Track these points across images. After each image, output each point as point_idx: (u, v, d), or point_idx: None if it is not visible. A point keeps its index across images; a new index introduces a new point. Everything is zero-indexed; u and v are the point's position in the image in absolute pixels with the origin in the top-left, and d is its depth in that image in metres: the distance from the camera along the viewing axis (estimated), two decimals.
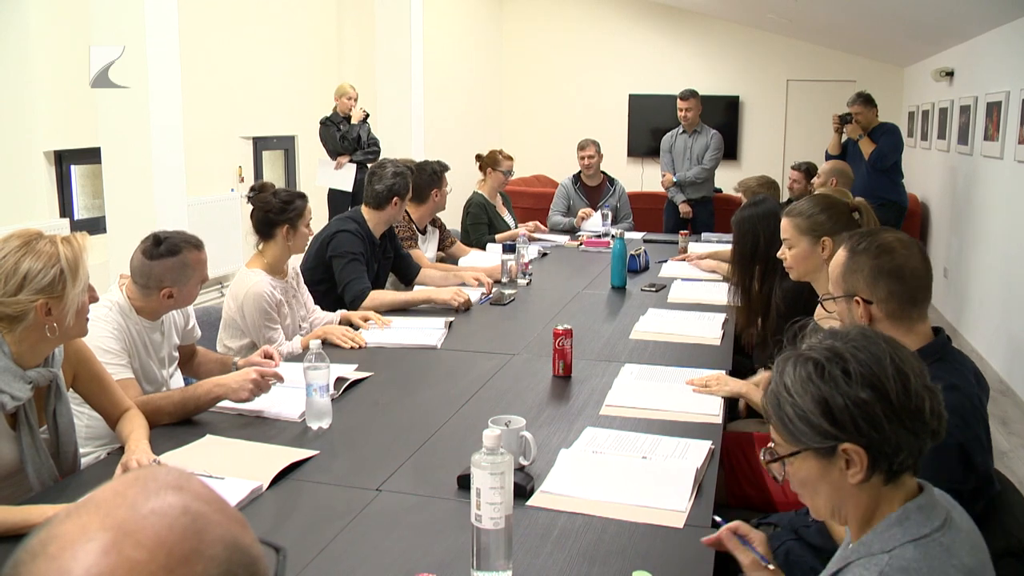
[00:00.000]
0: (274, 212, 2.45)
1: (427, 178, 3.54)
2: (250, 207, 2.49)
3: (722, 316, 2.72)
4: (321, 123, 5.71)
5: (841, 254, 1.49)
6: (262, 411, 1.86)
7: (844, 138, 5.14)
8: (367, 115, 5.84)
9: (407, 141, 5.98)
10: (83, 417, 1.84)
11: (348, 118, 5.70)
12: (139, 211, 3.66)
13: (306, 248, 2.62)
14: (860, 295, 1.44)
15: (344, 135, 5.65)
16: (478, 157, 4.59)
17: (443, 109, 6.97)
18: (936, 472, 1.04)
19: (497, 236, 4.43)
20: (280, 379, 1.85)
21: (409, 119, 6.04)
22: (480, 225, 4.43)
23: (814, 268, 2.12)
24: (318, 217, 3.38)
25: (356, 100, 5.77)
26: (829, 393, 0.94)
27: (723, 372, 2.11)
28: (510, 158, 4.61)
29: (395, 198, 3.04)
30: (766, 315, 2.44)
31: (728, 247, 4.20)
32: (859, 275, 1.44)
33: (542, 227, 4.75)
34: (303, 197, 2.53)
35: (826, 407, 0.94)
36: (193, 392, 1.83)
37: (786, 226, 2.15)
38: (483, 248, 4.20)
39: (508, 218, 4.67)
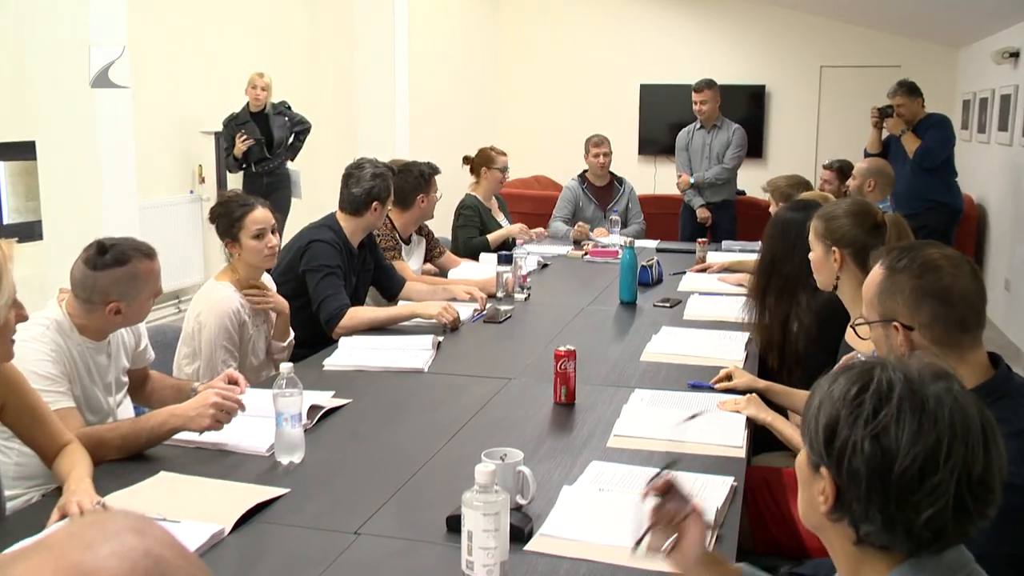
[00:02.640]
0: (215, 227, 2.50)
1: (413, 181, 3.56)
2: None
3: (745, 335, 2.74)
4: (224, 124, 5.55)
5: (877, 272, 1.47)
6: (225, 444, 1.86)
7: (885, 134, 5.13)
8: (285, 107, 5.63)
9: (390, 140, 6.00)
10: (12, 454, 1.82)
11: (261, 112, 5.53)
12: (82, 215, 3.66)
13: (275, 261, 2.64)
14: (899, 320, 1.41)
15: (230, 151, 5.46)
16: (467, 160, 4.61)
17: (430, 103, 7.01)
18: (998, 535, 1.02)
19: (489, 236, 4.44)
20: (242, 407, 1.85)
21: (392, 115, 6.07)
22: (470, 227, 4.46)
23: (828, 280, 2.15)
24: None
25: (268, 91, 5.55)
26: (846, 422, 0.94)
27: (754, 395, 2.13)
28: (503, 153, 4.64)
29: (374, 203, 3.05)
30: (785, 335, 2.46)
31: (753, 257, 4.27)
32: (898, 297, 1.41)
33: (539, 233, 4.71)
34: (245, 205, 2.53)
35: (832, 430, 0.95)
36: (145, 423, 1.83)
37: (811, 226, 2.19)
38: (474, 257, 4.22)
39: (504, 222, 4.70)
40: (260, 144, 5.54)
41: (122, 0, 3.68)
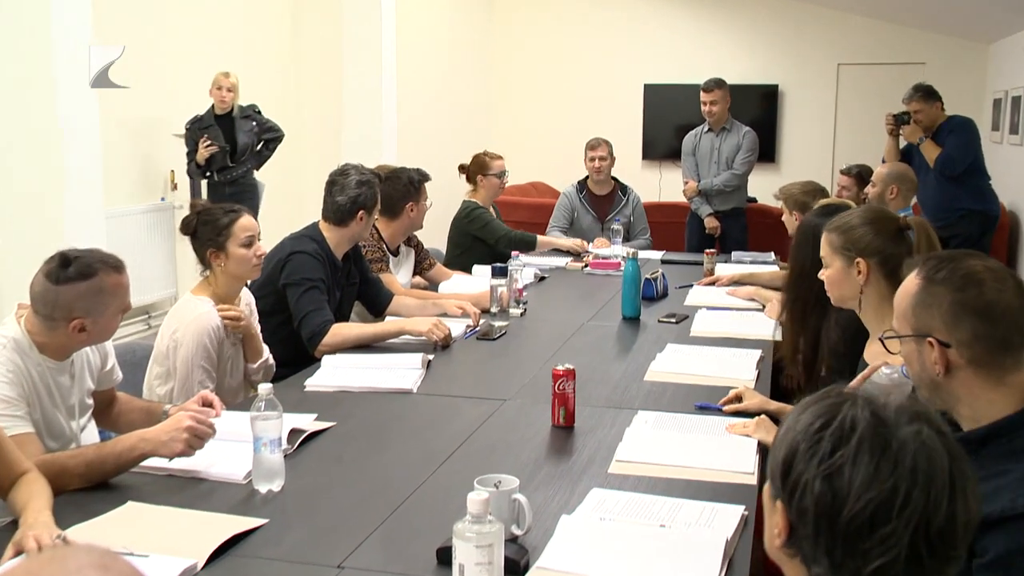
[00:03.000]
0: (195, 237, 2.51)
1: (402, 189, 3.58)
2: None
3: (757, 353, 2.74)
4: (186, 128, 5.51)
5: (912, 282, 1.45)
6: (198, 471, 1.86)
7: (903, 142, 5.11)
8: (254, 110, 5.58)
9: (376, 145, 6.03)
10: None
11: (227, 115, 5.49)
12: (43, 224, 3.65)
13: (257, 273, 2.64)
14: (935, 336, 1.38)
15: (192, 157, 5.39)
16: (462, 168, 4.64)
17: (420, 106, 7.05)
18: None
19: (543, 238, 4.54)
20: (215, 434, 1.84)
21: (379, 119, 6.10)
22: (494, 224, 4.52)
23: (850, 295, 2.15)
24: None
25: (235, 92, 5.51)
26: (803, 456, 0.95)
27: (765, 417, 2.13)
28: (499, 157, 4.67)
29: (360, 212, 3.07)
30: (816, 354, 2.46)
31: (765, 269, 4.30)
32: (935, 310, 1.39)
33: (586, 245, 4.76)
34: (231, 212, 2.56)
35: (788, 463, 0.96)
36: (111, 449, 1.82)
37: (823, 241, 2.19)
38: (521, 249, 4.23)
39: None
40: (224, 151, 5.45)
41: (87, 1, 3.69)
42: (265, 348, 2.69)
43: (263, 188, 5.79)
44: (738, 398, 2.27)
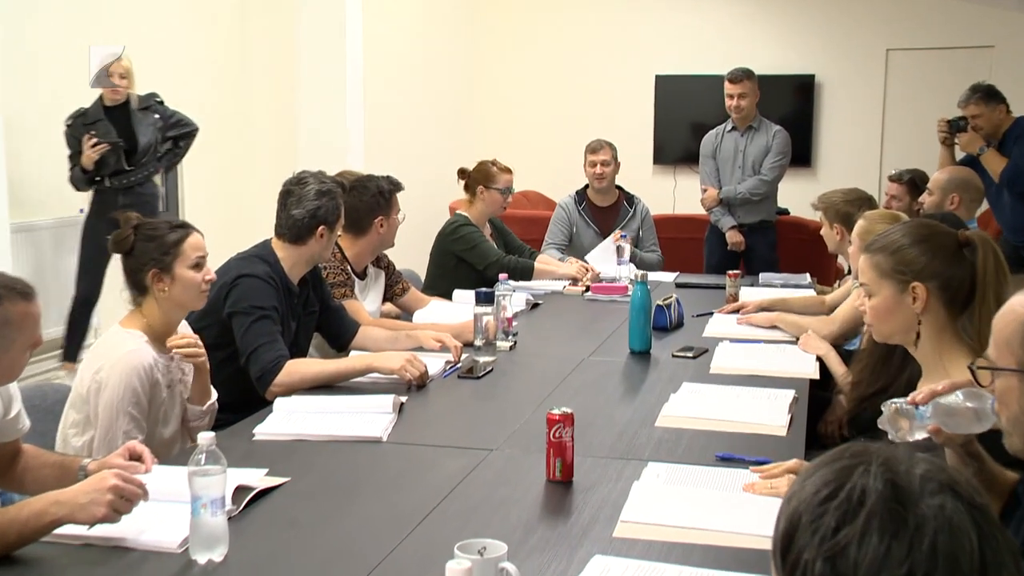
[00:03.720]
0: (134, 255, 2.51)
1: (369, 200, 3.59)
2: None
3: (789, 394, 2.75)
4: (66, 124, 5.28)
5: (1019, 305, 1.44)
6: (125, 539, 1.85)
7: (960, 154, 5.07)
8: (155, 101, 5.38)
9: (340, 148, 6.04)
10: None
11: (121, 108, 5.29)
12: None
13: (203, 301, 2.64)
14: None
15: (76, 160, 5.15)
16: (463, 173, 4.66)
17: (391, 102, 7.08)
18: None
19: (540, 263, 4.54)
20: (145, 495, 1.83)
21: (343, 117, 6.11)
22: (485, 244, 4.52)
23: (902, 327, 2.14)
24: None
25: (129, 79, 5.30)
26: (805, 531, 0.95)
27: (798, 460, 2.14)
28: (508, 170, 4.70)
29: (320, 227, 3.08)
30: (882, 394, 2.46)
31: (798, 293, 4.32)
32: None
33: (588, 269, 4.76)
34: (181, 227, 2.56)
35: (789, 537, 0.96)
36: (16, 514, 1.79)
37: (864, 265, 2.19)
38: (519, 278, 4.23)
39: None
40: (117, 150, 5.20)
41: None
42: (213, 391, 2.68)
43: (162, 197, 5.63)
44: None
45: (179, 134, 5.51)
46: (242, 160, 6.40)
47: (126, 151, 5.27)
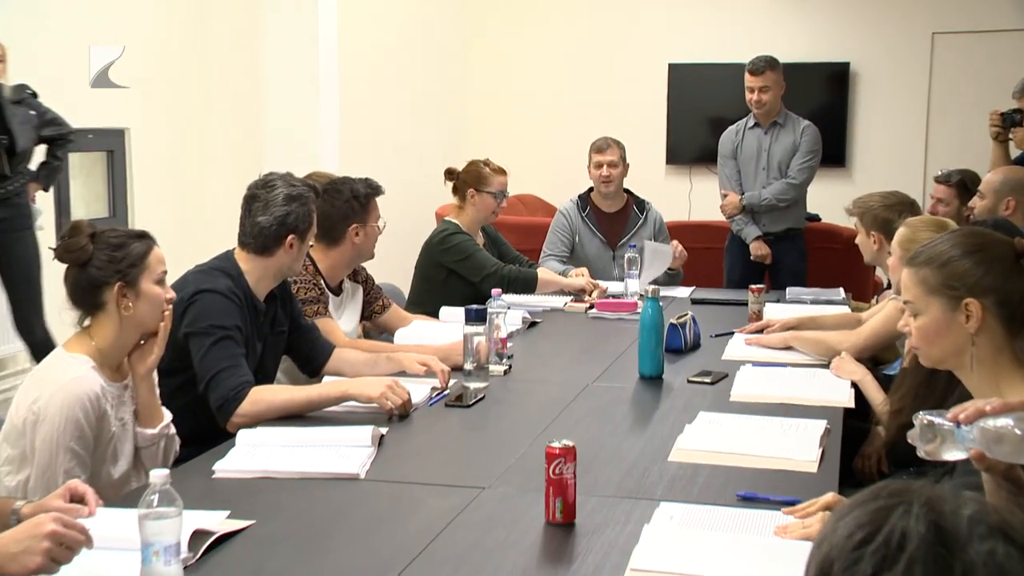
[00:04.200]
0: (96, 267, 2.50)
1: (342, 206, 3.61)
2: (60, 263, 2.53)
3: (821, 424, 2.76)
4: None
5: None
6: None
7: (1016, 151, 5.10)
8: (28, 94, 5.08)
9: (311, 147, 6.04)
10: None
11: None
12: None
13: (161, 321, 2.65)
14: None
15: None
16: (450, 174, 4.68)
17: (370, 96, 7.09)
18: None
19: (542, 273, 4.57)
20: (88, 543, 1.83)
21: (315, 112, 6.11)
22: (479, 254, 4.55)
23: (953, 349, 2.16)
24: None
25: (4, 63, 5.00)
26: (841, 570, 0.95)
27: (835, 493, 2.14)
28: (502, 171, 4.71)
29: (289, 236, 3.09)
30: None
31: (831, 310, 4.32)
32: None
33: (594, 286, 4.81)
34: (143, 237, 2.57)
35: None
36: None
37: (908, 280, 2.20)
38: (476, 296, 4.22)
39: None
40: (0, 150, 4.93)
41: None
42: (166, 412, 2.69)
43: (40, 215, 5.35)
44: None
45: (53, 136, 5.21)
46: (199, 160, 6.40)
47: (6, 146, 4.95)
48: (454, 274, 4.55)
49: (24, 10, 5.65)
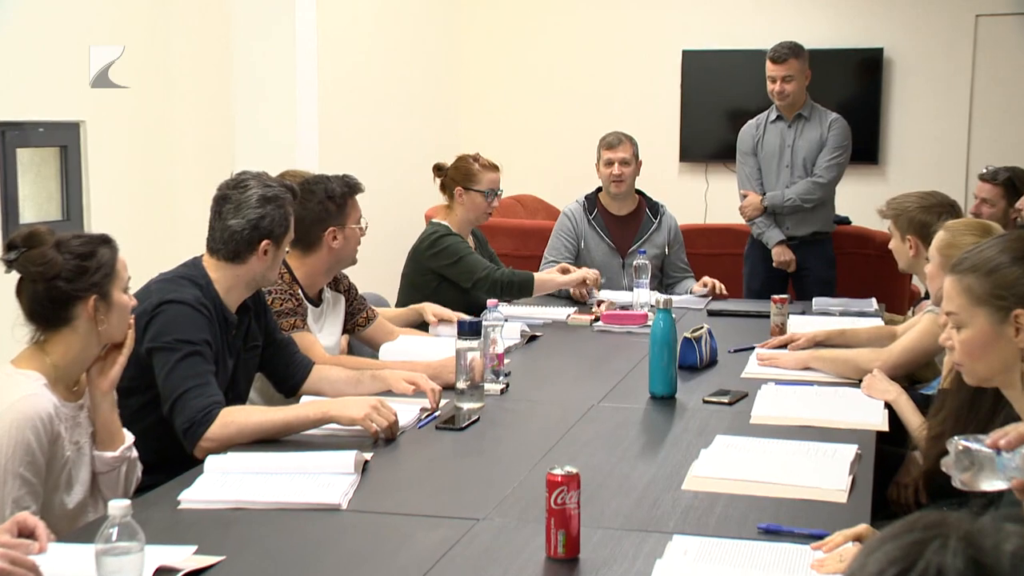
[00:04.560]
0: (66, 280, 2.49)
1: (317, 208, 3.61)
2: (13, 274, 2.52)
3: (852, 449, 2.76)
4: None
5: None
6: None
7: None
8: None
9: (287, 145, 6.04)
10: None
11: None
12: None
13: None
14: None
15: None
16: (439, 170, 4.71)
17: (352, 85, 7.09)
18: None
19: (543, 276, 4.58)
20: None
21: (291, 106, 6.11)
22: (471, 257, 4.56)
23: (1001, 365, 2.15)
24: None
25: None
26: None
27: (867, 525, 2.14)
28: (494, 167, 4.72)
29: (264, 242, 3.08)
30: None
31: (863, 323, 4.31)
32: None
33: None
34: (108, 242, 2.57)
35: None
36: None
37: (950, 289, 2.21)
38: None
39: None
40: None
41: None
42: (127, 433, 2.68)
43: None
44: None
45: None
46: (164, 158, 6.38)
47: None
48: (446, 281, 4.56)
49: None
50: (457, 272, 4.56)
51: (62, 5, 6.12)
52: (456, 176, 4.67)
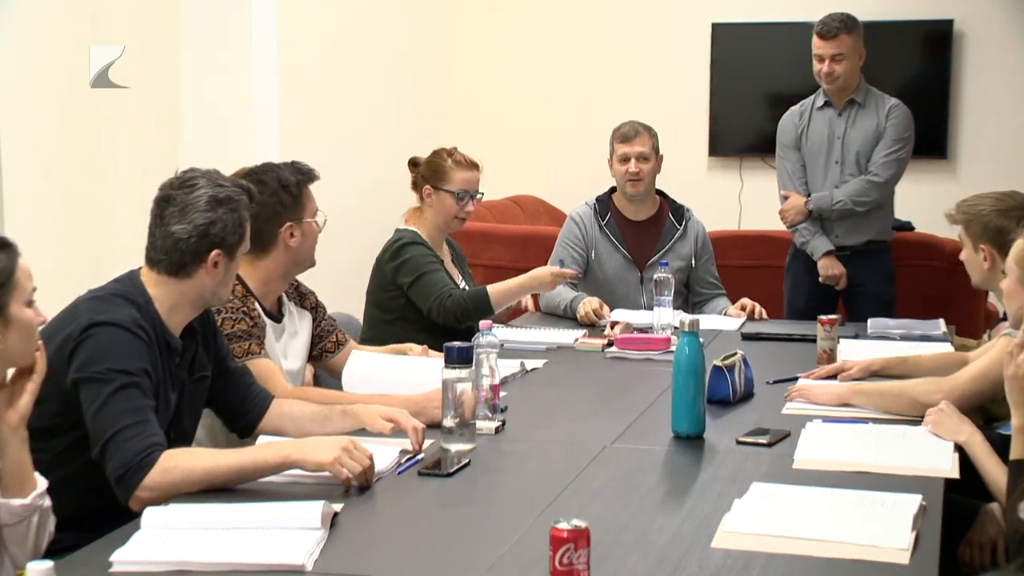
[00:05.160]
0: None
1: (270, 200, 3.61)
2: None
3: (915, 499, 2.76)
4: None
5: None
6: None
7: None
8: None
9: (242, 138, 6.05)
10: None
11: None
12: None
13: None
14: None
15: None
16: (413, 164, 4.76)
17: (320, 71, 7.08)
18: None
19: (501, 287, 4.57)
20: None
21: (246, 95, 6.12)
22: (436, 272, 4.56)
23: None
24: None
25: None
26: None
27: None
28: (471, 165, 4.72)
29: (214, 251, 3.07)
30: None
31: (927, 349, 4.29)
32: None
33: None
34: (4, 247, 2.57)
35: None
36: None
37: None
38: (450, 333, 4.24)
39: (463, 285, 4.75)
40: None
41: None
42: (40, 478, 2.67)
43: None
44: None
45: None
46: (94, 157, 6.38)
47: None
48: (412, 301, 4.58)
49: None
50: (415, 293, 4.58)
51: None
52: (426, 173, 4.71)
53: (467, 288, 4.75)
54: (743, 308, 5.10)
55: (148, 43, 6.69)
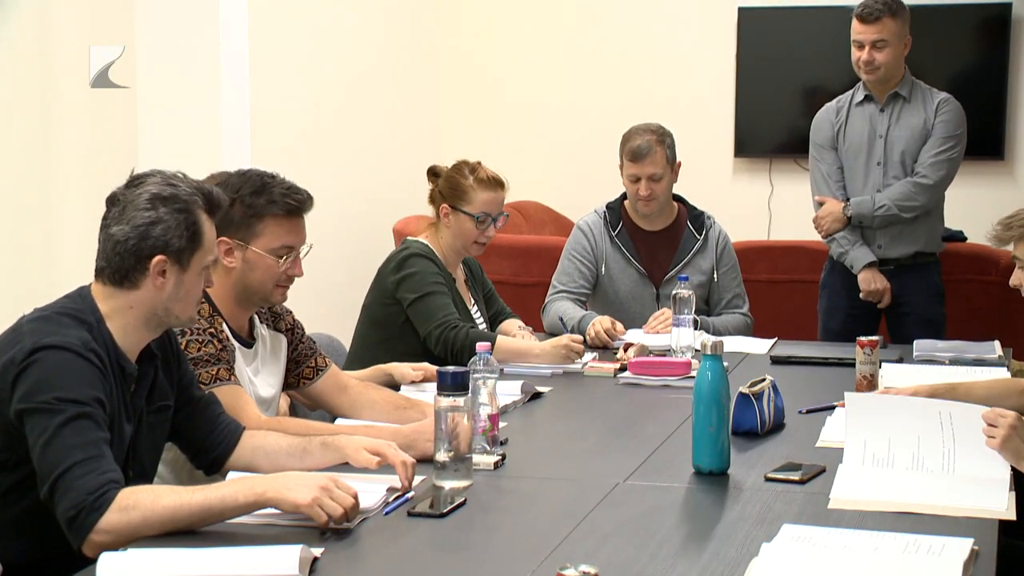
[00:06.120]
0: None
1: (249, 199, 3.62)
2: None
3: (966, 544, 2.76)
4: None
5: None
6: None
7: None
8: None
9: (208, 142, 6.07)
10: None
11: None
12: None
13: None
14: None
15: None
16: (433, 175, 4.75)
17: (299, 70, 7.09)
18: None
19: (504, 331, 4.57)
20: None
21: (214, 96, 6.15)
22: (440, 295, 4.55)
23: None
24: None
25: None
26: None
27: None
28: (496, 184, 4.73)
29: (156, 258, 3.04)
30: None
31: (981, 375, 4.28)
32: None
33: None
34: None
35: None
36: None
37: None
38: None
39: (475, 310, 4.74)
40: None
41: None
42: None
43: None
44: None
45: None
46: (43, 165, 6.39)
47: None
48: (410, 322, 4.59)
49: None
50: (415, 312, 4.59)
51: None
52: (444, 189, 4.73)
53: (481, 320, 4.75)
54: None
55: (97, 23, 6.72)
